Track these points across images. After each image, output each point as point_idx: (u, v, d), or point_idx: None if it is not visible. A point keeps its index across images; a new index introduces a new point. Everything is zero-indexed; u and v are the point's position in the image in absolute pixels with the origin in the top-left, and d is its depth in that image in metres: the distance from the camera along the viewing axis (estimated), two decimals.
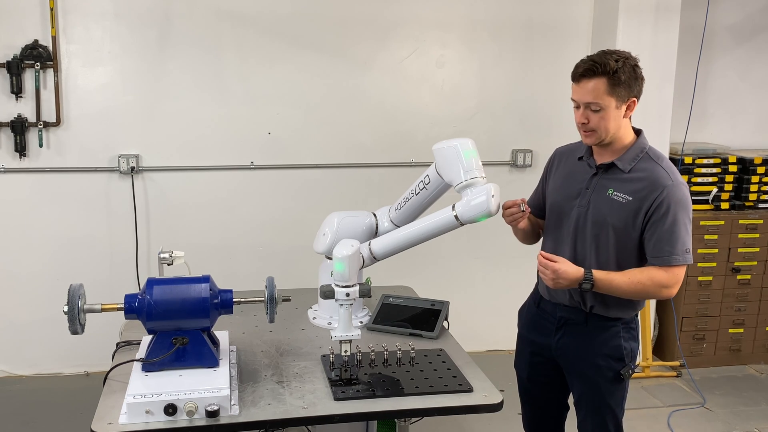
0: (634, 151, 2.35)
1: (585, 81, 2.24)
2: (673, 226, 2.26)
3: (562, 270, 2.25)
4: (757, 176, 4.64)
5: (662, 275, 2.29)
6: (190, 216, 4.31)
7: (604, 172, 2.37)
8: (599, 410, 2.50)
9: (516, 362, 2.73)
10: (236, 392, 2.19)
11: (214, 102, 4.23)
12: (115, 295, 2.39)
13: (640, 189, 2.29)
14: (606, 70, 2.21)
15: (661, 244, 2.28)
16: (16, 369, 4.33)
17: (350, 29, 4.32)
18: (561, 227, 2.45)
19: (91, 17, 4.05)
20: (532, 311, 2.63)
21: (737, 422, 4.00)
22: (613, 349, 2.44)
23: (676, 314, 4.57)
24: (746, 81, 4.95)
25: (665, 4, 4.32)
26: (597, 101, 2.24)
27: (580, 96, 2.27)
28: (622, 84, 2.24)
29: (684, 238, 2.28)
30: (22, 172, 4.11)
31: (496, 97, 4.53)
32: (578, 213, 2.39)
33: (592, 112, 2.26)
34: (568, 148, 2.56)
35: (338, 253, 2.34)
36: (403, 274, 3.74)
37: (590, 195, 2.38)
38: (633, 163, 2.33)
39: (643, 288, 2.30)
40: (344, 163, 4.44)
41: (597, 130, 2.29)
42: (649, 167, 2.32)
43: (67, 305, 2.11)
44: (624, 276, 2.30)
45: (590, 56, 2.27)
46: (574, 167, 2.47)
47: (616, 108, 2.26)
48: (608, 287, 2.29)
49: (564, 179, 2.48)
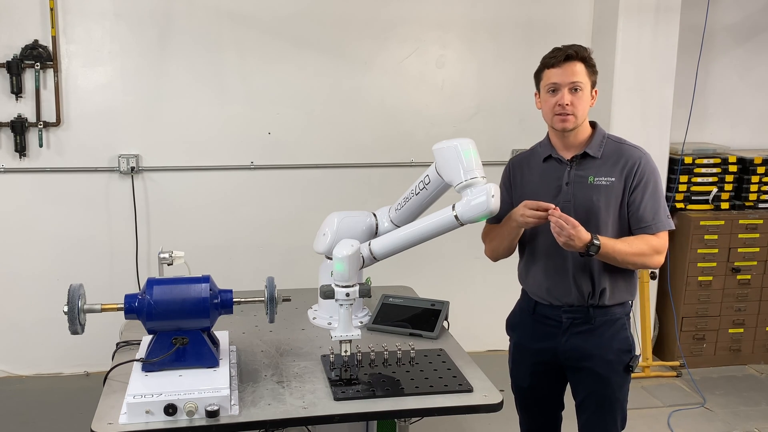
0: (598, 138, 2.46)
1: (569, 64, 2.36)
2: (654, 193, 2.40)
3: (578, 231, 2.28)
4: (757, 176, 4.64)
5: (655, 240, 2.40)
6: (190, 216, 4.31)
7: (578, 163, 2.44)
8: (610, 406, 2.50)
9: (514, 373, 2.70)
10: (236, 392, 2.18)
11: (215, 102, 4.23)
12: (115, 295, 2.39)
13: (618, 168, 2.41)
14: (583, 56, 2.38)
15: (648, 212, 2.40)
16: (16, 369, 4.33)
17: (350, 29, 4.32)
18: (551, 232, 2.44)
19: (91, 17, 4.05)
20: (528, 319, 2.60)
21: (737, 422, 4.00)
22: (622, 341, 2.48)
23: (676, 314, 4.57)
24: (746, 81, 4.94)
25: (665, 4, 4.32)
26: (580, 81, 2.36)
27: (564, 77, 2.36)
28: (593, 71, 2.41)
29: (665, 206, 2.44)
30: (22, 172, 4.11)
31: (496, 97, 4.53)
32: (564, 207, 2.40)
33: (573, 94, 2.36)
34: (523, 156, 2.62)
35: (338, 253, 2.33)
36: (403, 274, 3.74)
37: (572, 187, 2.43)
38: (601, 148, 2.44)
39: (641, 253, 2.38)
40: (344, 163, 4.44)
41: (575, 113, 2.37)
42: (617, 147, 2.45)
43: (67, 305, 2.11)
44: (624, 242, 2.38)
45: (563, 46, 2.40)
46: (544, 169, 2.50)
47: (589, 93, 2.40)
48: (611, 252, 2.33)
49: (538, 182, 2.50)
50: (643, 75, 4.39)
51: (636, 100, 4.40)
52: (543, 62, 2.44)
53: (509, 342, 2.72)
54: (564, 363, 2.53)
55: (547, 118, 2.44)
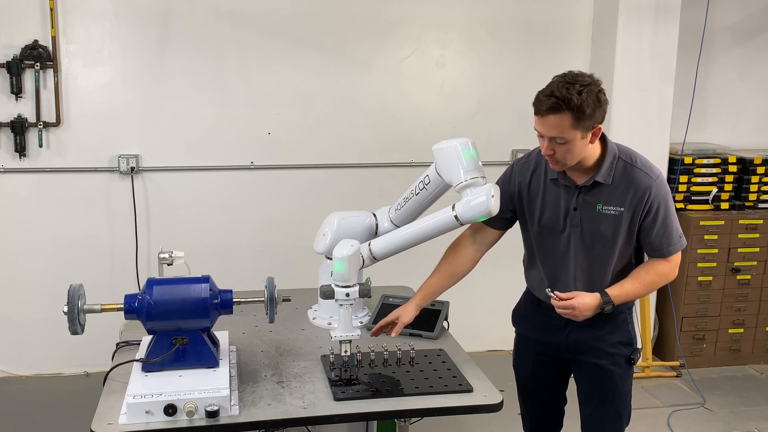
0: (608, 161, 2.33)
1: (551, 116, 2.19)
2: (665, 219, 2.35)
3: (580, 304, 2.31)
4: (757, 176, 4.64)
5: (665, 266, 2.40)
6: (190, 216, 4.31)
7: (587, 189, 2.36)
8: (613, 400, 2.50)
9: (516, 363, 2.71)
10: (236, 392, 2.19)
11: (215, 102, 4.23)
12: (115, 295, 2.39)
13: (627, 197, 2.32)
14: (570, 106, 2.15)
15: (659, 240, 2.36)
16: (16, 369, 4.33)
17: (350, 29, 4.32)
18: (557, 248, 2.44)
19: (91, 17, 4.05)
20: (532, 311, 2.60)
21: (737, 422, 4.00)
22: (623, 335, 2.48)
23: (676, 314, 4.57)
24: (746, 81, 4.94)
25: (665, 4, 4.32)
26: (562, 136, 2.19)
27: (545, 130, 2.23)
28: (586, 117, 2.17)
29: (676, 226, 2.39)
30: (22, 172, 4.11)
31: (496, 97, 4.53)
32: (571, 232, 2.39)
33: (558, 144, 2.22)
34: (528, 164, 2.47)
35: (338, 253, 2.34)
36: (403, 274, 3.74)
37: (580, 213, 2.37)
38: (611, 173, 2.32)
39: (654, 285, 2.43)
40: (344, 163, 4.44)
41: (562, 160, 2.26)
42: (628, 171, 2.32)
43: (67, 305, 2.11)
44: (635, 282, 2.39)
45: (552, 90, 2.18)
46: (552, 189, 2.42)
47: (581, 139, 2.22)
48: (626, 298, 2.40)
49: (546, 202, 2.44)
50: (643, 75, 4.39)
51: (636, 100, 4.40)
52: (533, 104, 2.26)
53: (515, 333, 2.73)
54: (567, 356, 2.54)
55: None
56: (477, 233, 2.56)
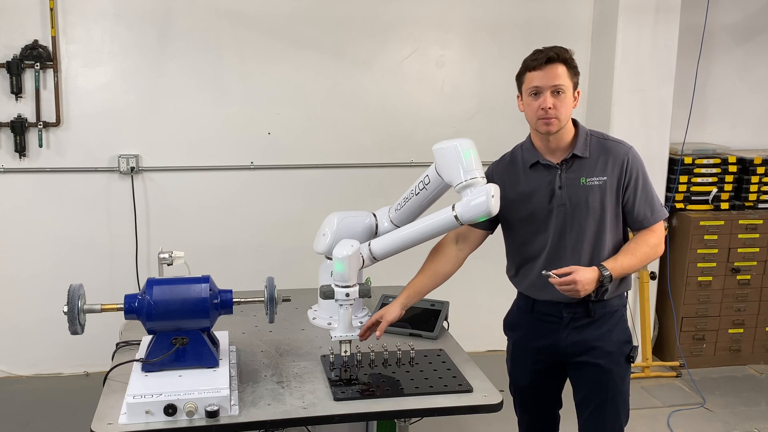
0: (582, 137, 2.44)
1: (550, 66, 2.33)
2: (645, 186, 2.43)
3: (581, 278, 2.29)
4: (756, 176, 4.64)
5: (652, 236, 2.44)
6: (190, 216, 4.31)
7: (567, 165, 2.42)
8: (613, 399, 2.48)
9: (513, 372, 2.68)
10: (236, 392, 2.19)
11: (214, 102, 4.23)
12: (115, 295, 2.39)
13: (608, 167, 2.40)
14: (564, 58, 2.35)
15: (642, 209, 2.43)
16: (16, 369, 4.33)
17: (350, 29, 4.33)
18: (547, 231, 2.44)
19: (91, 17, 4.05)
20: (526, 318, 2.58)
21: (737, 422, 4.00)
22: (621, 332, 2.50)
23: (676, 314, 4.57)
24: (746, 81, 4.94)
25: (665, 4, 4.32)
26: (562, 83, 2.33)
27: (547, 80, 2.33)
28: (575, 72, 2.38)
29: (656, 194, 2.47)
30: (22, 172, 4.11)
31: (496, 97, 4.53)
32: (560, 211, 2.40)
33: (555, 98, 2.33)
34: (503, 165, 2.57)
35: (338, 253, 2.34)
36: (403, 274, 3.73)
37: (565, 191, 2.41)
38: (587, 147, 2.43)
39: (646, 257, 2.43)
40: (344, 163, 4.44)
41: (558, 116, 2.34)
42: (602, 144, 2.44)
43: (66, 305, 2.11)
44: (627, 254, 2.40)
45: (543, 48, 2.38)
46: (533, 175, 2.46)
47: (571, 94, 2.37)
48: (621, 271, 2.39)
49: (529, 190, 2.46)
50: (643, 75, 4.39)
51: (636, 100, 4.40)
52: (524, 65, 2.40)
53: (507, 342, 2.71)
54: (565, 359, 2.53)
55: (531, 121, 2.41)
56: (459, 234, 2.58)
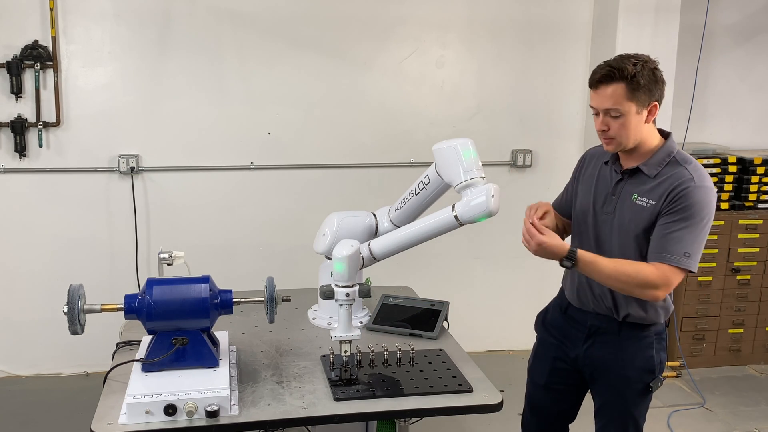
0: (661, 155, 2.26)
1: (603, 87, 2.17)
2: (680, 224, 2.16)
3: (546, 243, 2.18)
4: (757, 176, 4.64)
5: (650, 272, 2.17)
6: (190, 216, 4.31)
7: (630, 177, 2.29)
8: (623, 420, 2.43)
9: (533, 368, 2.64)
10: (236, 392, 2.19)
11: (214, 102, 4.23)
12: (115, 295, 2.39)
13: (660, 191, 2.22)
14: (624, 75, 2.14)
15: (661, 241, 2.18)
16: (16, 369, 4.33)
17: (350, 29, 4.32)
18: (587, 233, 2.40)
19: (91, 17, 4.05)
20: (558, 317, 2.55)
21: (737, 422, 4.00)
22: (645, 360, 2.37)
23: (676, 314, 4.57)
24: (746, 81, 4.94)
25: (665, 4, 4.32)
26: (616, 107, 2.16)
27: (599, 102, 2.20)
28: (641, 89, 2.15)
29: (687, 241, 2.15)
30: (22, 172, 4.11)
31: (495, 97, 4.53)
32: (604, 220, 2.35)
33: (612, 119, 2.19)
34: (598, 150, 2.45)
35: (338, 253, 2.33)
36: (403, 274, 3.74)
37: (616, 202, 2.32)
38: (659, 167, 2.24)
39: (627, 279, 2.17)
40: (344, 163, 4.44)
41: (617, 138, 2.21)
42: (675, 169, 2.23)
43: (67, 305, 2.11)
44: (611, 262, 2.19)
45: (607, 61, 2.19)
46: (602, 172, 2.40)
47: (636, 114, 2.18)
48: (591, 269, 2.20)
49: (591, 185, 2.41)
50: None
51: None
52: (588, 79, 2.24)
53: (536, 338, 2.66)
54: (583, 370, 2.48)
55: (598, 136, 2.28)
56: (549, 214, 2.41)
